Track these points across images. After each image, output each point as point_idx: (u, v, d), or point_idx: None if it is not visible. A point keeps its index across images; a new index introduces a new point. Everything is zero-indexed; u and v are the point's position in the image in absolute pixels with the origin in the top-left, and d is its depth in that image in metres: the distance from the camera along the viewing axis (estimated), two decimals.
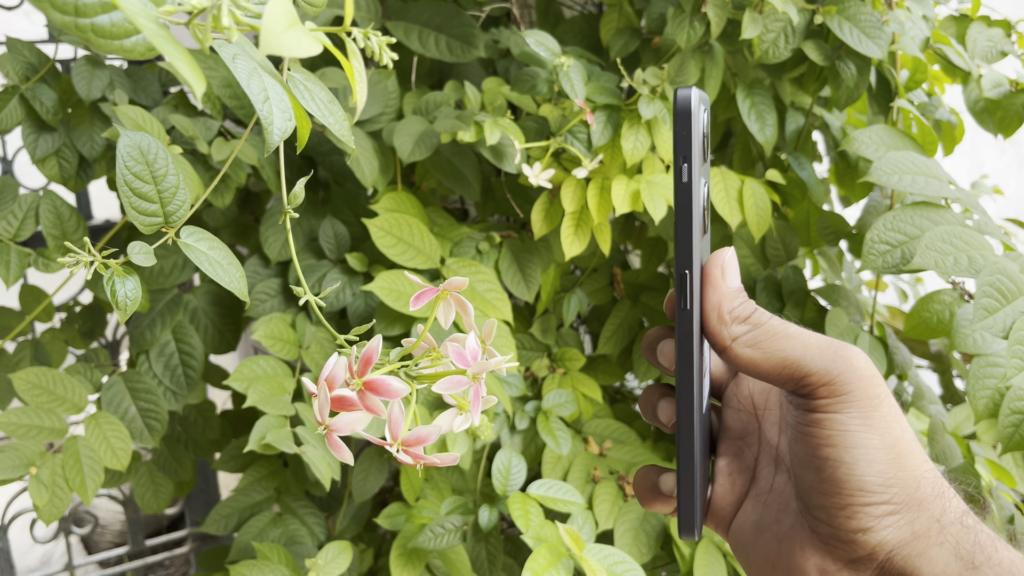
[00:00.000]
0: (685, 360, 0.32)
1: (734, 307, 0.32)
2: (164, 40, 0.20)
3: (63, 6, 0.21)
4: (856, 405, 0.30)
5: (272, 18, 0.20)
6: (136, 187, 0.44)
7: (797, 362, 0.30)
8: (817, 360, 0.30)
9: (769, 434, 0.35)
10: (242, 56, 0.30)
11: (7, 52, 0.80)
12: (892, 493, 0.29)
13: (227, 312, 0.90)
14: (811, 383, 0.30)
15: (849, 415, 0.30)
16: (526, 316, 1.01)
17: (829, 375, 0.30)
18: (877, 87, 0.89)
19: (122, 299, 0.44)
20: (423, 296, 0.34)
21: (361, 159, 0.80)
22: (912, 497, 0.30)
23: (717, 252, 0.33)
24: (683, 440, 0.32)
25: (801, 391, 0.31)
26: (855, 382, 0.30)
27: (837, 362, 0.30)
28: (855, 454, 0.29)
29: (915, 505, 0.30)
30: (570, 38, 0.99)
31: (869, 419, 0.30)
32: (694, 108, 0.29)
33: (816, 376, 0.30)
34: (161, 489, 0.96)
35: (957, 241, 0.60)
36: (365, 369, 0.30)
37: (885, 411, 0.30)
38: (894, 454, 0.30)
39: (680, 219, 0.30)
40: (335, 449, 0.31)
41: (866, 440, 0.30)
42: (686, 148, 0.29)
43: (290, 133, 0.31)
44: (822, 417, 0.30)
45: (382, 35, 0.26)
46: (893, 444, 0.30)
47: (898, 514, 0.29)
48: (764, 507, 0.34)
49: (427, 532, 0.80)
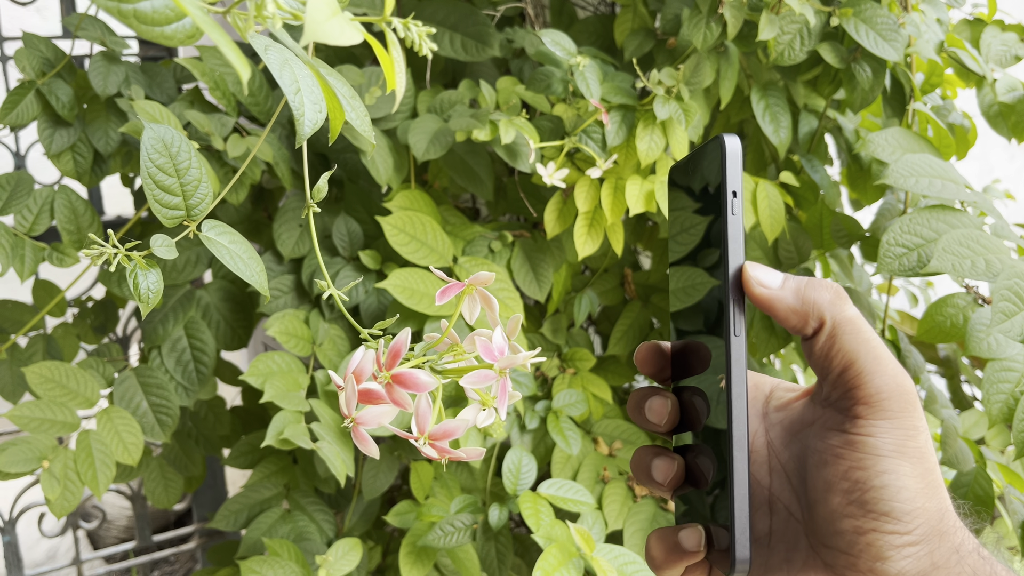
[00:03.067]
0: (739, 388, 0.31)
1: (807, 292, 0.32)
2: (211, 27, 0.20)
3: None
4: (894, 432, 0.30)
5: (316, 6, 0.20)
6: (159, 179, 0.45)
7: (860, 373, 0.30)
8: (871, 379, 0.30)
9: (758, 475, 0.35)
10: (274, 47, 0.30)
11: (24, 47, 0.80)
12: (918, 523, 0.29)
13: (239, 308, 0.90)
14: (858, 397, 0.30)
15: (884, 440, 0.30)
16: (537, 316, 1.01)
17: (880, 395, 0.30)
18: (892, 90, 0.89)
19: (144, 291, 0.44)
20: (449, 291, 0.34)
21: (376, 157, 0.80)
22: (935, 528, 0.29)
23: (747, 275, 0.32)
24: (738, 481, 0.31)
25: (845, 401, 0.31)
26: (898, 411, 0.30)
27: (888, 387, 0.30)
28: (885, 480, 0.29)
29: (936, 536, 0.29)
30: (584, 38, 0.99)
31: (905, 447, 0.30)
32: (741, 150, 0.32)
33: (866, 392, 0.30)
34: (171, 484, 0.96)
35: (974, 244, 0.60)
36: (393, 362, 0.30)
37: (922, 441, 0.30)
38: (923, 484, 0.29)
39: (731, 250, 0.32)
40: (361, 442, 0.31)
41: (898, 466, 0.29)
42: (736, 183, 0.31)
43: (320, 125, 0.31)
44: (856, 439, 0.30)
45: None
46: (923, 475, 0.30)
47: (918, 544, 0.29)
48: (769, 550, 0.33)
49: (436, 530, 0.80)
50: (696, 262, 0.34)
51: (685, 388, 0.35)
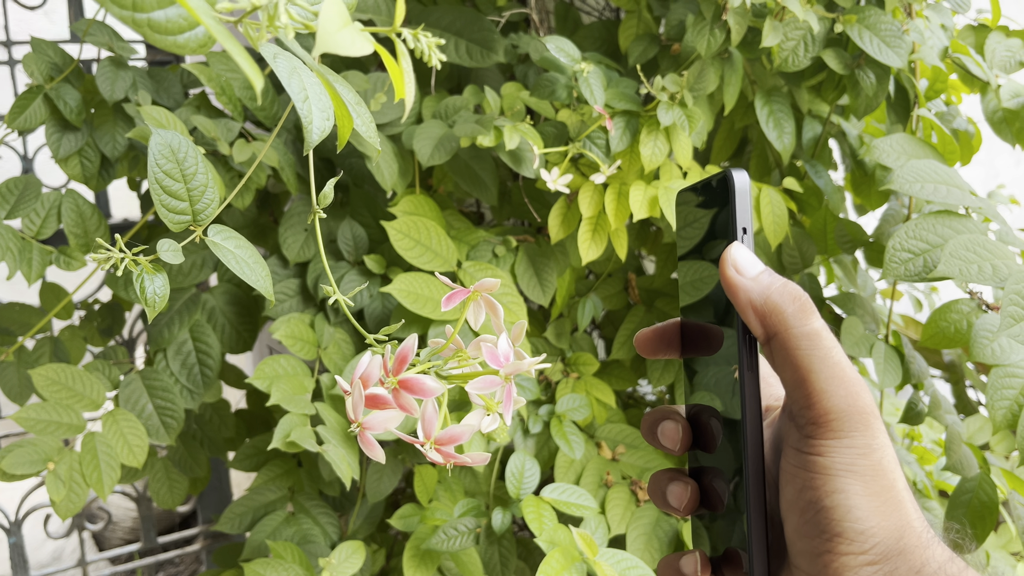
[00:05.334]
0: (753, 404, 0.31)
1: (773, 290, 0.31)
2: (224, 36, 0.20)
3: (122, 1, 0.21)
4: (844, 452, 0.29)
5: (328, 17, 0.20)
6: (166, 185, 0.45)
7: (812, 392, 0.30)
8: (822, 398, 0.30)
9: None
10: (283, 55, 0.31)
11: (32, 52, 0.81)
12: (873, 543, 0.29)
13: (244, 312, 0.91)
14: (808, 416, 0.30)
15: (833, 459, 0.29)
16: (540, 320, 1.01)
17: (829, 415, 0.29)
18: (896, 96, 0.89)
19: (151, 296, 0.45)
20: (454, 297, 0.34)
21: (381, 162, 0.80)
22: (893, 548, 0.29)
23: (726, 253, 0.32)
24: (754, 505, 0.31)
25: (800, 419, 0.30)
26: (849, 429, 0.29)
27: (838, 407, 0.29)
28: (835, 499, 0.29)
29: (896, 555, 0.29)
30: (588, 44, 0.99)
31: (854, 465, 0.29)
32: (748, 185, 0.33)
33: (816, 411, 0.30)
34: (176, 485, 0.97)
35: (980, 250, 0.60)
36: (400, 368, 0.31)
37: (876, 459, 0.30)
38: (877, 503, 0.29)
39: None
40: (368, 447, 0.32)
41: (848, 485, 0.29)
42: (745, 219, 0.32)
43: (328, 132, 0.31)
44: (807, 458, 0.30)
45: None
46: (877, 493, 0.29)
47: (877, 564, 0.29)
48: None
49: (440, 534, 0.80)
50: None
51: (700, 409, 0.35)
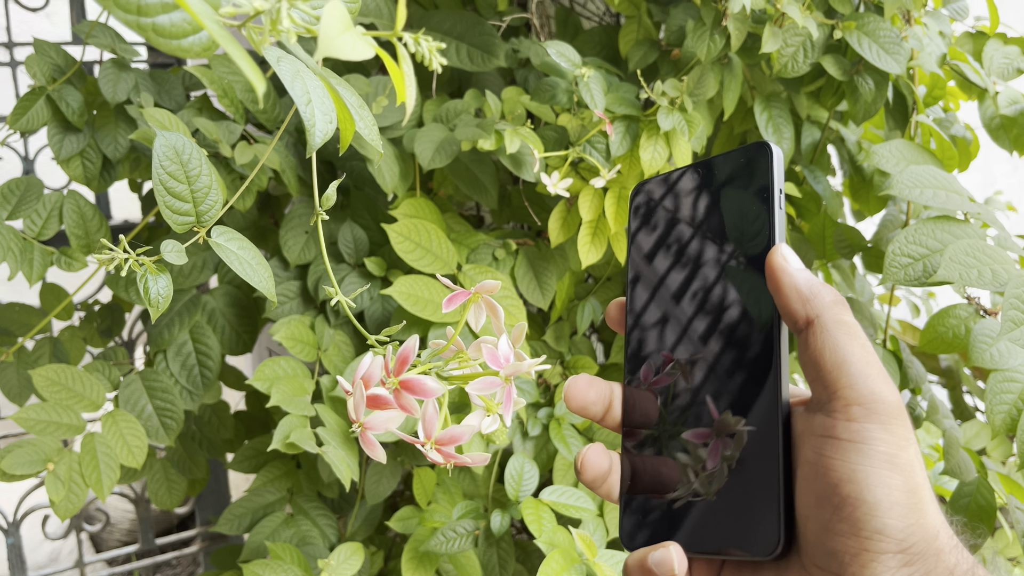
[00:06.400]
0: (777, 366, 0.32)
1: (815, 282, 0.31)
2: (227, 40, 0.21)
3: (127, 5, 0.21)
4: (885, 442, 0.28)
5: (330, 21, 0.21)
6: (171, 186, 0.45)
7: (855, 373, 0.29)
8: (866, 381, 0.29)
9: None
10: (286, 59, 0.31)
11: (35, 54, 0.81)
12: (912, 542, 0.28)
13: (244, 313, 0.91)
14: (851, 397, 0.29)
15: (876, 452, 0.28)
16: (540, 323, 1.02)
17: (875, 396, 0.29)
18: (894, 102, 0.89)
19: (155, 296, 0.45)
20: (455, 299, 0.35)
21: (382, 165, 0.80)
22: (930, 547, 0.28)
23: (775, 249, 0.32)
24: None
25: (834, 403, 0.29)
26: (889, 417, 0.29)
27: (883, 391, 0.29)
28: (877, 494, 0.28)
29: (932, 556, 0.28)
30: (588, 48, 0.99)
31: (895, 459, 0.28)
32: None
33: (856, 392, 0.29)
34: (175, 486, 0.97)
35: (980, 255, 0.60)
36: (402, 368, 0.31)
37: (911, 455, 0.29)
38: (916, 499, 0.28)
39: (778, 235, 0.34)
40: (370, 447, 0.32)
41: (889, 480, 0.28)
42: (782, 184, 0.34)
43: (331, 135, 0.31)
44: (849, 448, 0.28)
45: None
46: (915, 489, 0.28)
47: (913, 565, 0.28)
48: (757, 568, 0.32)
49: (439, 536, 0.80)
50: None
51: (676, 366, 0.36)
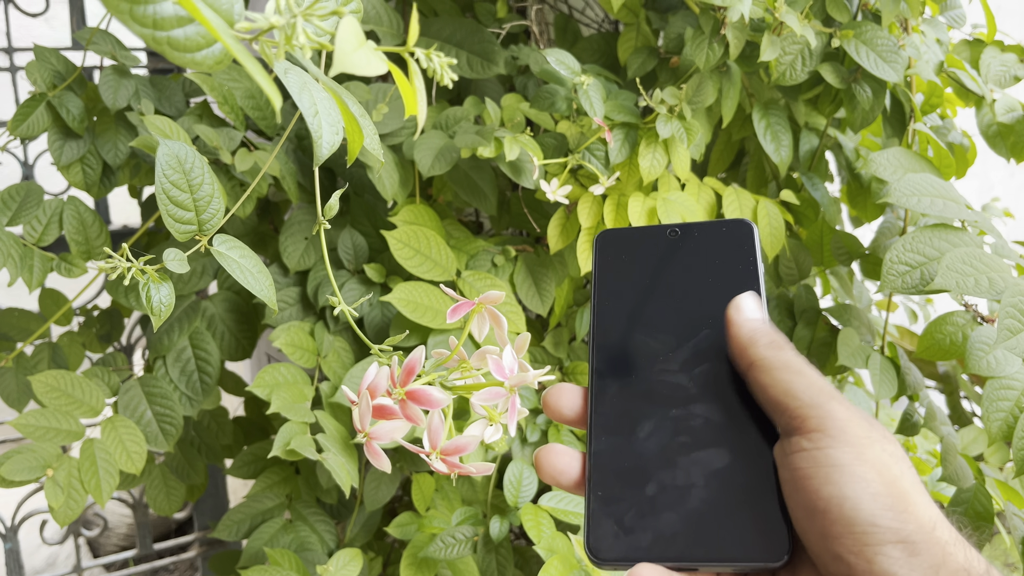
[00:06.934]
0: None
1: (757, 329, 0.34)
2: (241, 53, 0.21)
3: (142, 19, 0.22)
4: (847, 442, 0.30)
5: (346, 37, 0.21)
6: (173, 195, 0.45)
7: (797, 395, 0.31)
8: (813, 400, 0.31)
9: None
10: (293, 71, 0.31)
11: (35, 60, 0.81)
12: (908, 531, 0.28)
13: (244, 319, 0.91)
14: (801, 415, 0.31)
15: (841, 451, 0.29)
16: (538, 329, 1.02)
17: (820, 412, 0.30)
18: (892, 110, 0.90)
19: (157, 304, 0.45)
20: (459, 309, 0.35)
21: (382, 172, 0.81)
22: (930, 537, 0.28)
23: (736, 299, 0.36)
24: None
25: (792, 424, 0.31)
26: (844, 422, 0.30)
27: (831, 406, 0.31)
28: (856, 488, 0.28)
29: (935, 546, 0.28)
30: (587, 56, 1.00)
31: (862, 455, 0.29)
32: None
33: (807, 410, 0.31)
34: (173, 491, 0.97)
35: (977, 263, 0.61)
36: (408, 379, 0.31)
37: (878, 450, 0.30)
38: (897, 490, 0.29)
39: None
40: (374, 457, 0.32)
41: (863, 474, 0.29)
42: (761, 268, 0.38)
43: (337, 146, 0.32)
44: (817, 454, 0.30)
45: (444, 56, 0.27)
46: (893, 481, 0.29)
47: (919, 555, 0.27)
48: None
49: (438, 542, 0.80)
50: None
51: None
